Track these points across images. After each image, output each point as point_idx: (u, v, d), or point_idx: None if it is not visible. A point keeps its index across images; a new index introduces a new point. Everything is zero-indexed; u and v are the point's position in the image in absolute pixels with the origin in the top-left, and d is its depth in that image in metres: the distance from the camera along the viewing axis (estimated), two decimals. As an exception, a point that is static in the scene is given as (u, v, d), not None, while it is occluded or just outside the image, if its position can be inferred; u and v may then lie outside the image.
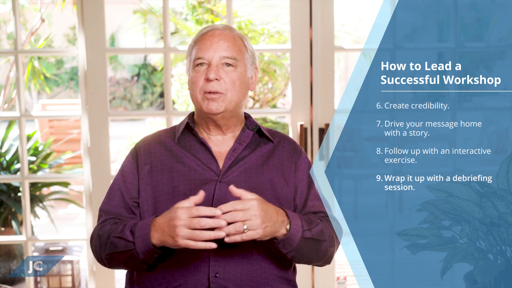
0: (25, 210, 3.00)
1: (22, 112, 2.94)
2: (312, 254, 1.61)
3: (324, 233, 1.61)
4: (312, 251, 1.59)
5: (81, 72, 2.86)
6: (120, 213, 1.66)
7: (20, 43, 2.93)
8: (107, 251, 1.59)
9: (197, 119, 1.73)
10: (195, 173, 1.65)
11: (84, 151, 2.93)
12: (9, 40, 11.56)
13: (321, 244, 1.61)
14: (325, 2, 2.78)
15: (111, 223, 1.63)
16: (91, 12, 2.81)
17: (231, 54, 1.65)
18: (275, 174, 1.69)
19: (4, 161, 4.17)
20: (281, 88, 7.48)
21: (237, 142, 1.70)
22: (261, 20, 7.47)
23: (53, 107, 8.04)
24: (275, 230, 1.50)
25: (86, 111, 2.88)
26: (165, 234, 1.47)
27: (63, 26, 12.53)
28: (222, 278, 1.59)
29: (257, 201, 1.47)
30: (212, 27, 1.70)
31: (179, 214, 1.44)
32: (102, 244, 1.60)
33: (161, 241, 1.49)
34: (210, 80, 1.62)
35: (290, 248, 1.55)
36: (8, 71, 4.05)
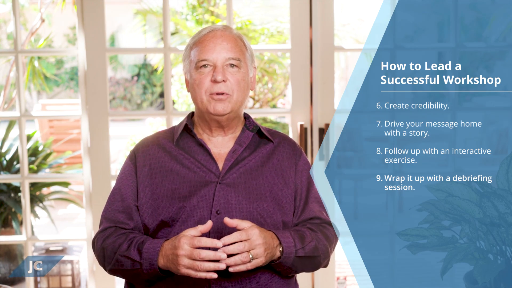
0: (25, 210, 3.00)
1: (22, 112, 2.94)
2: (307, 268, 1.65)
3: (318, 249, 1.63)
4: (307, 266, 1.63)
5: (81, 72, 2.86)
6: (119, 219, 1.66)
7: (20, 43, 2.93)
8: (112, 266, 1.60)
9: (198, 120, 1.72)
10: (195, 175, 1.65)
11: (84, 151, 2.93)
12: (9, 40, 11.55)
13: (315, 259, 1.63)
14: (325, 2, 2.78)
15: (115, 234, 1.63)
16: (91, 12, 2.81)
17: (235, 55, 1.65)
18: (274, 175, 1.68)
19: (4, 161, 4.17)
20: (281, 88, 7.48)
21: (237, 143, 1.69)
22: (261, 20, 7.47)
23: (53, 107, 8.04)
24: (273, 254, 1.54)
25: (86, 111, 2.88)
26: (169, 261, 1.50)
27: (63, 26, 12.52)
28: (222, 279, 1.58)
29: (257, 229, 1.50)
30: (211, 28, 1.69)
31: (182, 243, 1.47)
32: (106, 257, 1.61)
33: (166, 267, 1.52)
34: (218, 82, 1.62)
35: (285, 267, 1.59)
36: (8, 71, 4.05)
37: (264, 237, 1.50)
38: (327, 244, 1.66)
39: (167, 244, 1.52)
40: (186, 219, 1.60)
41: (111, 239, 1.62)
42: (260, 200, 1.64)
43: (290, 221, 1.69)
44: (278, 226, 1.65)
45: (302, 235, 1.60)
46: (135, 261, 1.55)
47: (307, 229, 1.64)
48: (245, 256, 1.46)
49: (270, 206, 1.65)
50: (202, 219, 1.60)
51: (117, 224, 1.66)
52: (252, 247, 1.47)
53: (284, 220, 1.67)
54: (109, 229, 1.65)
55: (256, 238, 1.48)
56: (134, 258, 1.55)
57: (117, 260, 1.58)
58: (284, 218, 1.67)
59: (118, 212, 1.66)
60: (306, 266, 1.63)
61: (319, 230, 1.66)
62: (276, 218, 1.65)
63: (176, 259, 1.48)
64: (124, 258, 1.57)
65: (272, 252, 1.53)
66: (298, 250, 1.57)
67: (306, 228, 1.65)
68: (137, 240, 1.58)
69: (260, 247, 1.48)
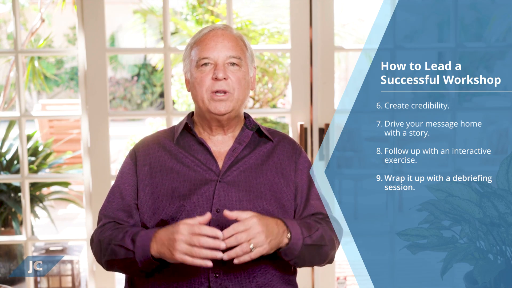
0: (25, 210, 3.00)
1: (22, 112, 2.94)
2: (314, 259, 1.62)
3: (324, 238, 1.62)
4: (314, 256, 1.61)
5: (81, 72, 2.86)
6: (119, 216, 1.66)
7: (20, 43, 2.93)
8: (107, 257, 1.60)
9: (198, 119, 1.73)
10: (195, 174, 1.65)
11: (84, 151, 2.93)
12: (9, 40, 11.55)
13: (322, 248, 1.62)
14: (325, 2, 2.78)
15: (112, 228, 1.63)
16: (91, 12, 2.81)
17: (236, 53, 1.65)
18: (274, 173, 1.69)
19: (4, 161, 4.17)
20: (281, 88, 7.48)
21: (236, 142, 1.70)
22: (261, 20, 7.47)
23: (53, 107, 8.05)
24: (279, 241, 1.52)
25: (86, 111, 2.88)
26: (164, 247, 1.48)
27: (63, 26, 12.52)
28: (222, 278, 1.59)
29: (256, 218, 1.48)
30: (212, 27, 1.69)
31: (181, 229, 1.46)
32: (102, 250, 1.61)
33: (159, 253, 1.50)
34: (219, 79, 1.62)
35: (292, 256, 1.57)
36: (8, 71, 4.05)
37: (265, 224, 1.48)
38: (332, 235, 1.65)
39: (163, 231, 1.51)
40: (186, 217, 1.60)
41: (108, 232, 1.61)
42: (260, 198, 1.64)
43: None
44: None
45: (308, 225, 1.60)
46: (128, 250, 1.54)
47: (312, 221, 1.64)
48: (245, 246, 1.44)
49: (270, 204, 1.65)
50: (202, 217, 1.60)
51: (116, 220, 1.66)
52: (251, 236, 1.45)
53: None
54: (108, 224, 1.65)
55: (255, 226, 1.46)
56: (127, 246, 1.54)
57: (112, 250, 1.57)
58: (284, 217, 1.67)
59: (117, 210, 1.67)
60: (313, 256, 1.60)
61: (324, 222, 1.66)
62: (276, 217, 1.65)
63: (173, 244, 1.46)
64: (118, 247, 1.56)
65: (278, 239, 1.51)
66: (305, 238, 1.56)
67: (311, 220, 1.65)
68: (133, 231, 1.57)
69: (260, 235, 1.46)
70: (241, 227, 1.46)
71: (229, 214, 1.48)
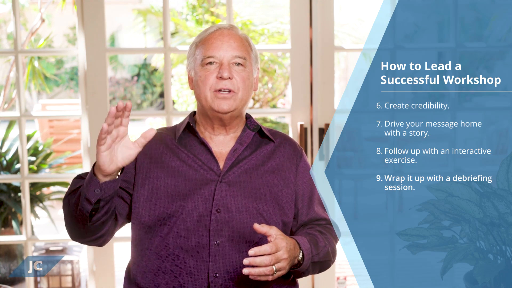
0: (25, 210, 3.00)
1: (22, 112, 2.94)
2: (315, 272, 1.66)
3: (329, 253, 1.65)
4: (315, 270, 1.65)
5: (81, 72, 2.86)
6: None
7: (20, 43, 2.93)
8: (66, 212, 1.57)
9: (200, 119, 1.72)
10: (195, 173, 1.65)
11: (84, 151, 2.93)
12: (9, 40, 11.55)
13: (326, 263, 1.66)
14: (325, 2, 2.78)
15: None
16: (91, 12, 2.81)
17: (241, 53, 1.66)
18: (275, 175, 1.69)
19: (4, 161, 4.17)
20: (281, 88, 7.48)
21: (238, 143, 1.70)
22: (261, 20, 7.48)
23: (53, 107, 8.05)
24: (292, 264, 1.54)
25: (86, 111, 2.88)
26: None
27: (63, 26, 12.51)
28: (222, 278, 1.59)
29: (285, 243, 1.48)
30: (218, 27, 1.70)
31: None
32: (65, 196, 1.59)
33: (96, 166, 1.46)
34: (224, 78, 1.62)
35: (299, 273, 1.60)
36: (8, 71, 4.05)
37: (289, 249, 1.49)
38: (335, 246, 1.69)
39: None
40: (186, 216, 1.60)
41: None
42: (260, 200, 1.64)
43: (289, 222, 1.69)
44: (277, 226, 1.65)
45: (316, 241, 1.62)
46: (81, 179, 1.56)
47: (318, 233, 1.66)
48: (269, 270, 1.45)
49: (270, 206, 1.65)
50: (202, 217, 1.60)
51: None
52: (278, 261, 1.46)
53: (283, 220, 1.67)
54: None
55: (283, 252, 1.47)
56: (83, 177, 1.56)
57: (72, 183, 1.59)
58: (283, 218, 1.67)
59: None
60: (315, 269, 1.64)
61: (327, 232, 1.69)
62: (276, 218, 1.65)
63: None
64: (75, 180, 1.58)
65: (292, 262, 1.53)
66: (313, 256, 1.59)
67: (317, 231, 1.67)
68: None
69: (284, 262, 1.48)
70: (273, 249, 1.45)
71: (259, 228, 1.47)
